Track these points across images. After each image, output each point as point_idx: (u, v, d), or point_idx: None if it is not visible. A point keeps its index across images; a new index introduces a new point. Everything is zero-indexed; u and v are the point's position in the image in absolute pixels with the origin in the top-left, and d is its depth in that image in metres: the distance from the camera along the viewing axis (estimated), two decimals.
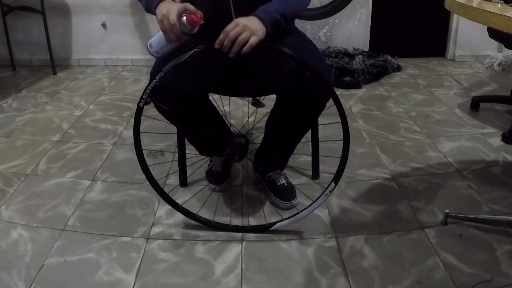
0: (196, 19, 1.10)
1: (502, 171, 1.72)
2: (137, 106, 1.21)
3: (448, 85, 2.72)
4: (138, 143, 1.27)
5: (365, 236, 1.37)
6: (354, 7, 3.03)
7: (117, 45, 3.22)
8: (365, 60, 2.86)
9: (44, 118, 2.29)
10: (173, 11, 1.09)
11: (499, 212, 1.47)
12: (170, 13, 1.09)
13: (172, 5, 1.11)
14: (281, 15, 1.19)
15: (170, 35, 1.11)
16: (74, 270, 1.24)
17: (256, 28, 1.12)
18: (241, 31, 1.10)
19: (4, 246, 1.33)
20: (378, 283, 1.18)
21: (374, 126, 2.15)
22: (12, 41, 3.12)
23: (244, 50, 1.10)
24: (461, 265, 1.23)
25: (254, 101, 2.40)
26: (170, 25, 1.09)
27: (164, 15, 1.10)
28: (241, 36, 1.09)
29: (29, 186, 1.66)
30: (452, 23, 3.17)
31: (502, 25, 1.06)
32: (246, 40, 1.10)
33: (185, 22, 1.10)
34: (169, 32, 1.11)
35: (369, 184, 1.65)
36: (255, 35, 1.10)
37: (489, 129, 2.09)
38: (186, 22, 1.10)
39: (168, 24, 1.09)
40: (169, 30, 1.10)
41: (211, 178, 1.63)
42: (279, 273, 1.23)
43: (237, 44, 1.10)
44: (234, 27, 1.10)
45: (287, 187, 1.54)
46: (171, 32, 1.10)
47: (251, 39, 1.10)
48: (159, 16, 1.11)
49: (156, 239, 1.37)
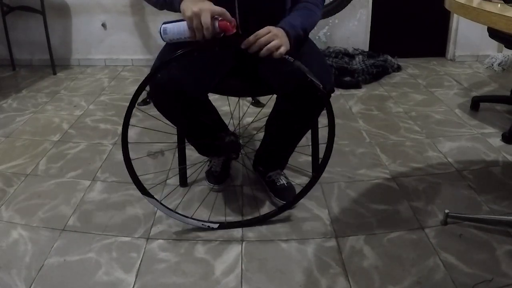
0: (229, 27, 1.08)
1: (502, 171, 1.72)
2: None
3: (448, 85, 2.72)
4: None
5: (365, 236, 1.37)
6: (354, 7, 3.03)
7: (117, 45, 3.22)
8: (365, 60, 2.86)
9: (44, 118, 2.29)
10: (207, 11, 1.06)
11: (499, 212, 1.47)
12: (203, 13, 1.06)
13: (204, 4, 1.08)
14: (304, 30, 1.24)
15: (198, 34, 1.09)
16: (74, 270, 1.24)
17: (285, 40, 1.16)
18: (272, 39, 1.13)
19: (4, 246, 1.33)
20: (378, 283, 1.18)
21: (374, 126, 2.15)
22: (12, 41, 3.13)
23: (274, 56, 1.13)
24: (461, 265, 1.23)
25: (254, 101, 2.40)
26: (202, 26, 1.07)
27: (196, 13, 1.06)
28: (272, 43, 1.12)
29: (29, 186, 1.66)
30: (452, 23, 3.17)
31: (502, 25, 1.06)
32: (276, 48, 1.12)
33: (217, 26, 1.08)
34: (198, 31, 1.08)
35: (369, 184, 1.65)
36: (285, 46, 1.14)
37: (489, 129, 2.09)
38: (218, 27, 1.08)
39: (199, 24, 1.07)
40: (199, 29, 1.08)
41: (211, 178, 1.63)
42: (279, 273, 1.23)
43: (267, 49, 1.12)
44: (266, 33, 1.13)
45: (287, 187, 1.54)
46: (200, 31, 1.08)
47: (281, 48, 1.13)
48: (189, 13, 1.07)
49: (156, 239, 1.37)
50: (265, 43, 1.12)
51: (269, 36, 1.12)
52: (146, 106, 2.42)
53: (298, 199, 1.42)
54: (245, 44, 1.13)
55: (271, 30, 1.14)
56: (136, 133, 2.10)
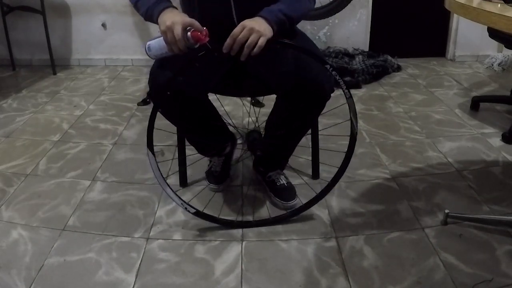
0: (201, 37, 1.08)
1: (502, 171, 1.72)
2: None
3: (448, 85, 2.72)
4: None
5: (365, 236, 1.37)
6: (354, 7, 3.03)
7: (117, 45, 3.22)
8: (365, 60, 2.86)
9: (44, 118, 2.29)
10: (178, 24, 1.07)
11: (499, 212, 1.47)
12: (175, 25, 1.07)
13: (177, 17, 1.09)
14: (285, 15, 1.19)
15: (173, 48, 1.11)
16: (74, 270, 1.24)
17: (263, 28, 1.11)
18: (249, 34, 1.09)
19: (4, 246, 1.33)
20: (378, 283, 1.18)
21: (374, 126, 2.15)
22: (12, 41, 3.13)
23: (254, 52, 1.10)
24: (461, 265, 1.23)
25: (254, 101, 2.40)
26: (175, 39, 1.08)
27: (168, 27, 1.08)
28: (249, 39, 1.09)
29: (29, 186, 1.66)
30: (452, 23, 3.17)
31: (502, 25, 1.06)
32: (255, 42, 1.09)
33: (189, 37, 1.09)
34: (172, 44, 1.10)
35: (369, 184, 1.65)
36: (263, 36, 1.10)
37: (489, 129, 2.09)
38: (191, 37, 1.09)
39: (173, 37, 1.08)
40: (173, 43, 1.09)
41: (211, 178, 1.63)
42: (279, 273, 1.23)
43: (247, 47, 1.10)
44: (241, 31, 1.10)
45: (287, 187, 1.54)
46: (174, 45, 1.09)
47: (259, 41, 1.09)
48: (163, 27, 1.10)
49: (156, 239, 1.37)
50: (243, 42, 1.09)
51: (245, 34, 1.09)
52: (145, 106, 2.42)
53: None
54: (226, 47, 1.11)
55: (245, 25, 1.10)
56: (136, 133, 2.10)
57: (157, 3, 1.17)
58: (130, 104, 2.47)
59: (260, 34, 1.10)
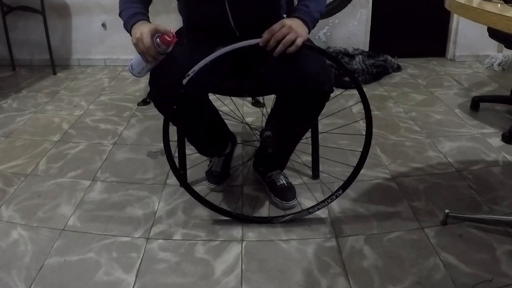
0: (169, 39, 1.12)
1: (502, 171, 1.71)
2: None
3: (448, 85, 2.72)
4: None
5: (365, 236, 1.37)
6: (354, 7, 3.03)
7: (117, 45, 3.21)
8: (365, 60, 2.86)
9: (44, 118, 2.29)
10: (146, 33, 1.10)
11: (499, 212, 1.47)
12: (143, 35, 1.10)
13: (144, 27, 1.13)
14: (318, 12, 1.24)
15: (147, 57, 1.14)
16: (74, 270, 1.24)
17: (301, 29, 1.16)
18: (287, 32, 1.13)
19: (4, 246, 1.33)
20: (378, 283, 1.18)
21: (374, 126, 2.12)
22: (12, 41, 3.12)
23: (290, 50, 1.14)
24: (461, 265, 1.23)
25: (254, 101, 2.40)
26: (145, 48, 1.11)
27: (138, 38, 1.12)
28: (287, 37, 1.13)
29: (29, 186, 1.66)
30: (452, 23, 3.17)
31: (502, 25, 1.06)
32: (292, 41, 1.13)
33: (159, 43, 1.12)
34: (145, 54, 1.13)
35: (369, 184, 1.65)
36: (301, 37, 1.14)
37: (489, 129, 2.09)
38: (160, 43, 1.12)
39: (143, 47, 1.11)
40: (145, 52, 1.12)
41: (211, 178, 1.63)
42: (279, 273, 1.23)
43: (283, 44, 1.13)
44: (280, 28, 1.13)
45: (287, 187, 1.54)
46: (147, 54, 1.13)
47: (297, 40, 1.13)
48: (134, 40, 1.13)
49: (156, 239, 1.37)
50: (280, 39, 1.13)
51: (284, 30, 1.13)
52: (145, 106, 2.42)
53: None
54: (263, 42, 1.14)
55: (284, 23, 1.14)
56: (136, 133, 2.10)
57: (131, 17, 1.20)
58: (130, 104, 2.47)
59: (298, 35, 1.14)
